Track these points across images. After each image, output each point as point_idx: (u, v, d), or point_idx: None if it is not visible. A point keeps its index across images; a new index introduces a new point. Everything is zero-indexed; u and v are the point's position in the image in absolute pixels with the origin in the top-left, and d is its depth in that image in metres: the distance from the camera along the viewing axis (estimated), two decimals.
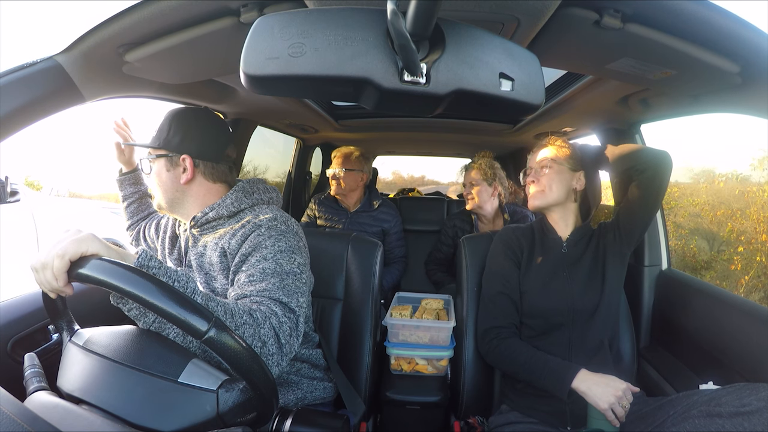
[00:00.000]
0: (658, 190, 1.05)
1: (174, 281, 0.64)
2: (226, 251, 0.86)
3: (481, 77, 0.43)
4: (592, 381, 0.93)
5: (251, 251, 0.83)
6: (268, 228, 0.86)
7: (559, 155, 1.14)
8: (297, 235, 0.90)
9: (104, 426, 0.53)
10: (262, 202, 0.96)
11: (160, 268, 0.64)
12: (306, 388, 1.01)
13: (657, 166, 1.03)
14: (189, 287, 0.65)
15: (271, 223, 0.87)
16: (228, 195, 0.92)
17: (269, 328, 0.72)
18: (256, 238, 0.84)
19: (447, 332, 1.31)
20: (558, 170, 1.12)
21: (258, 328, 0.70)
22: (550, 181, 1.12)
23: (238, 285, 0.81)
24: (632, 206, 1.08)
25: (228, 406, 0.56)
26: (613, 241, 1.12)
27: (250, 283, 0.79)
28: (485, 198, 1.80)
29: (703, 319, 1.14)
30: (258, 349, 0.69)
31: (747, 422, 0.73)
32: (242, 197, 0.93)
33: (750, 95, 0.81)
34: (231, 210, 0.91)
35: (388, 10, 0.37)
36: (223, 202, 0.91)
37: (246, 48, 0.41)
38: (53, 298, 0.66)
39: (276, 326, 0.73)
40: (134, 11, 0.67)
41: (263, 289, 0.78)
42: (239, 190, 0.94)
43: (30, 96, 0.72)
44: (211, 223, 0.92)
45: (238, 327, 0.67)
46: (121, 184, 1.22)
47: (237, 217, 0.92)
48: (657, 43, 0.68)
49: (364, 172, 1.98)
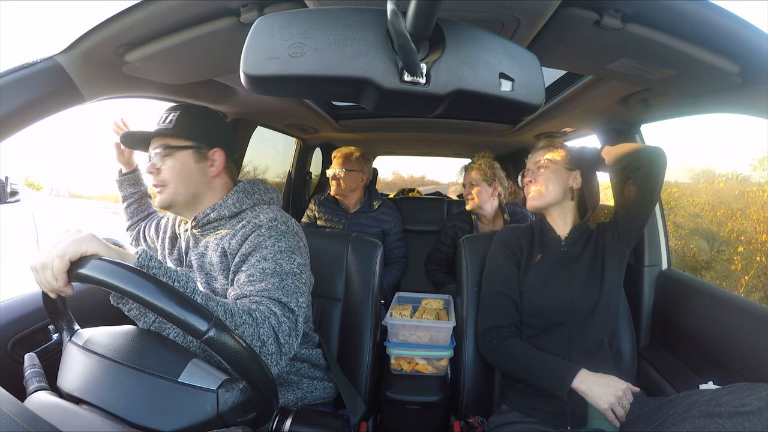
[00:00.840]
0: (654, 187, 1.05)
1: (174, 281, 0.64)
2: (227, 251, 0.86)
3: (481, 77, 0.43)
4: (592, 381, 0.93)
5: (251, 251, 0.83)
6: (269, 228, 0.86)
7: (554, 155, 1.16)
8: (297, 236, 0.90)
9: (104, 426, 0.53)
10: (263, 202, 0.96)
11: (160, 268, 0.64)
12: (306, 388, 1.01)
13: (651, 163, 1.04)
14: (189, 287, 0.65)
15: (271, 224, 0.87)
16: (229, 195, 0.93)
17: (268, 328, 0.72)
18: (256, 239, 0.84)
19: (447, 332, 1.31)
20: (554, 170, 1.14)
21: (257, 327, 0.70)
22: (547, 181, 1.14)
23: (238, 285, 0.81)
24: (629, 204, 1.09)
25: (228, 406, 0.56)
26: (611, 239, 1.13)
27: (250, 283, 0.79)
28: (485, 198, 1.80)
29: (703, 319, 1.14)
30: (257, 348, 0.69)
31: (747, 422, 0.73)
32: (243, 198, 0.93)
33: (750, 95, 0.81)
34: (232, 210, 0.91)
35: (388, 10, 0.37)
36: (225, 203, 0.91)
37: (246, 48, 0.41)
38: (53, 298, 0.66)
39: (275, 326, 0.73)
40: (134, 11, 0.67)
41: (263, 289, 0.78)
42: (240, 191, 0.94)
43: (30, 96, 0.72)
44: (212, 223, 0.92)
45: (237, 327, 0.68)
46: (121, 184, 1.21)
47: (238, 217, 0.92)
48: (657, 43, 0.68)
49: (365, 173, 1.98)
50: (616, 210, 1.15)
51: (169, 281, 0.63)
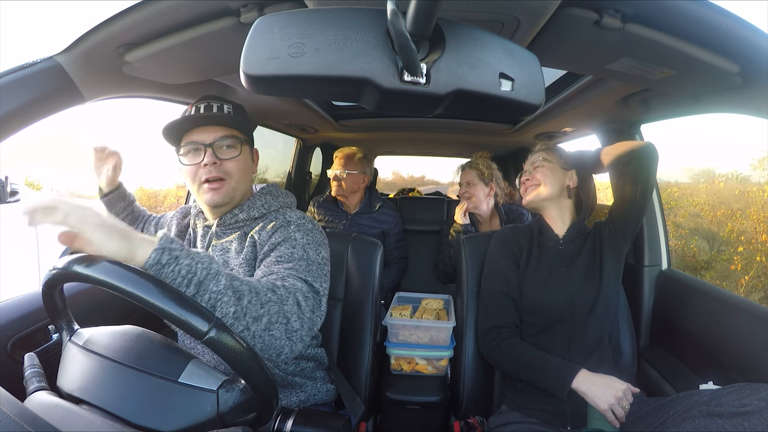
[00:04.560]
0: (646, 180, 1.07)
1: (197, 262, 0.63)
2: (257, 242, 0.88)
3: (481, 77, 0.43)
4: (592, 381, 0.93)
5: (281, 241, 0.85)
6: (298, 225, 0.89)
7: (550, 154, 1.20)
8: (322, 234, 0.94)
9: (104, 426, 0.53)
10: (287, 206, 0.99)
11: (182, 249, 0.63)
12: (309, 390, 1.01)
13: (641, 157, 1.07)
14: (212, 268, 0.64)
15: (300, 221, 0.91)
16: (257, 197, 0.95)
17: (293, 304, 0.72)
18: (285, 231, 0.87)
19: (447, 332, 1.31)
20: (550, 167, 1.18)
21: (282, 305, 0.70)
22: (544, 177, 1.17)
23: (266, 264, 0.82)
24: (622, 199, 1.11)
25: (228, 406, 0.56)
26: (608, 236, 1.14)
27: (278, 263, 0.81)
28: (482, 198, 1.80)
29: (703, 319, 1.14)
30: (282, 326, 0.69)
31: (747, 422, 0.73)
32: (271, 200, 0.96)
33: (750, 95, 0.81)
34: (261, 211, 0.93)
35: (388, 10, 0.37)
36: (253, 204, 0.93)
37: (246, 48, 0.41)
38: (53, 298, 0.66)
39: (301, 301, 0.74)
40: (134, 11, 0.67)
41: (290, 267, 0.80)
42: (267, 193, 0.97)
43: (30, 96, 0.72)
44: (239, 223, 0.93)
45: (263, 304, 0.67)
46: (110, 203, 1.11)
47: (264, 218, 0.94)
48: (657, 43, 0.68)
49: (366, 174, 1.97)
50: (611, 207, 1.17)
51: (192, 262, 0.62)
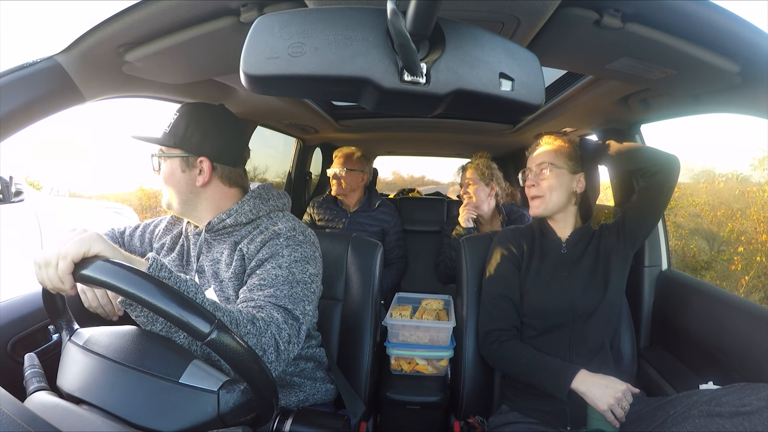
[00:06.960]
0: (668, 194, 1.06)
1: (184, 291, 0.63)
2: (245, 255, 0.87)
3: (481, 77, 0.43)
4: (592, 382, 0.93)
5: (268, 257, 0.84)
6: (287, 237, 0.87)
7: (557, 156, 1.12)
8: (313, 245, 0.92)
9: (104, 426, 0.53)
10: (278, 208, 0.96)
11: (170, 277, 0.64)
12: (309, 390, 1.01)
13: (669, 170, 1.04)
14: (198, 298, 0.65)
15: (290, 233, 0.88)
16: (245, 201, 0.91)
17: (270, 337, 0.73)
18: (274, 246, 0.85)
19: (447, 332, 1.30)
20: (557, 174, 1.10)
21: (260, 337, 0.71)
22: (551, 188, 1.10)
23: (248, 287, 0.82)
24: (641, 209, 1.08)
25: (229, 407, 0.56)
26: (617, 242, 1.11)
27: (260, 288, 0.80)
28: (482, 198, 1.80)
29: (703, 319, 1.14)
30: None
31: (747, 422, 0.72)
32: (260, 204, 0.93)
33: (750, 95, 0.81)
34: (249, 217, 0.91)
35: (388, 9, 0.37)
36: (241, 209, 0.90)
37: (246, 48, 0.41)
38: (53, 298, 0.66)
39: (276, 333, 0.74)
40: (134, 11, 0.67)
41: (270, 294, 0.79)
42: (256, 197, 0.93)
43: (30, 96, 0.72)
44: (227, 228, 0.91)
45: (242, 336, 0.68)
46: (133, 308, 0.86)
47: (254, 223, 0.92)
48: (657, 43, 0.68)
49: (365, 173, 1.99)
50: (624, 213, 1.13)
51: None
